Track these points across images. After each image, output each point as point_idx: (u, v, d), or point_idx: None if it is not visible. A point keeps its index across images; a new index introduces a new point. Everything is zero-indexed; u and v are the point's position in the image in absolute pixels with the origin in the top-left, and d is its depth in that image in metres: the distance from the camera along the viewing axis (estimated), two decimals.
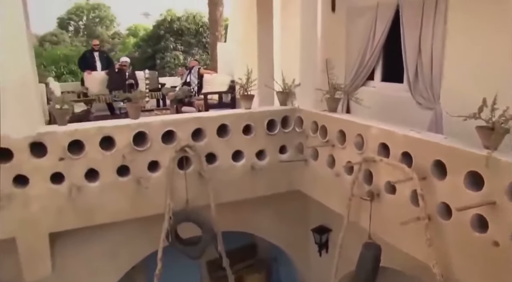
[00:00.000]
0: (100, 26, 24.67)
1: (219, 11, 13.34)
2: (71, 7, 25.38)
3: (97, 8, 25.34)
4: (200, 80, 8.15)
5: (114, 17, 25.94)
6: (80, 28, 25.34)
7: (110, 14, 25.54)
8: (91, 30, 24.30)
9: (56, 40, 21.81)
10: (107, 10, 25.52)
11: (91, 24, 24.80)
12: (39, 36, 22.95)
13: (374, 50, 4.94)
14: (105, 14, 25.24)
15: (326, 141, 4.01)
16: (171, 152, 3.87)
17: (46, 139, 3.46)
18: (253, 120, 4.24)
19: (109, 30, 25.07)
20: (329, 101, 4.09)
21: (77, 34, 24.78)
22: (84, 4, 25.88)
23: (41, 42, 22.04)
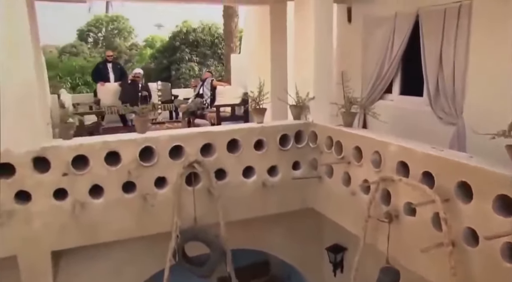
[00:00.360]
0: (119, 38, 24.94)
1: (234, 23, 13.35)
2: (91, 19, 25.55)
3: (115, 20, 25.45)
4: (213, 92, 8.06)
5: (132, 28, 25.93)
6: (99, 40, 25.42)
7: (128, 26, 25.72)
8: (109, 42, 24.51)
9: (75, 52, 22.16)
10: (125, 22, 25.64)
11: (109, 36, 25.00)
12: (59, 48, 23.43)
13: (392, 62, 4.76)
14: (124, 26, 25.44)
15: (342, 157, 3.83)
16: (179, 167, 3.73)
17: (50, 154, 3.35)
18: (265, 135, 4.08)
19: (127, 41, 25.33)
20: (345, 116, 3.92)
21: (96, 46, 24.90)
22: (103, 16, 26.17)
23: (61, 53, 22.35)
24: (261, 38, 5.51)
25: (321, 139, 4.16)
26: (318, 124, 4.21)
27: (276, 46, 5.28)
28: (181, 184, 3.77)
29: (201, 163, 3.80)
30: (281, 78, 5.21)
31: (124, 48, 24.09)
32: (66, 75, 14.89)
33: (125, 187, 3.63)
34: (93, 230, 3.59)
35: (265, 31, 5.40)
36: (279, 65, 5.28)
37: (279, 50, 5.29)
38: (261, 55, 5.55)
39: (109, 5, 37.73)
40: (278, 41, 5.28)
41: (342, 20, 5.50)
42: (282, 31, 5.26)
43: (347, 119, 3.92)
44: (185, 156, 3.77)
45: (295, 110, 4.37)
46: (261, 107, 4.22)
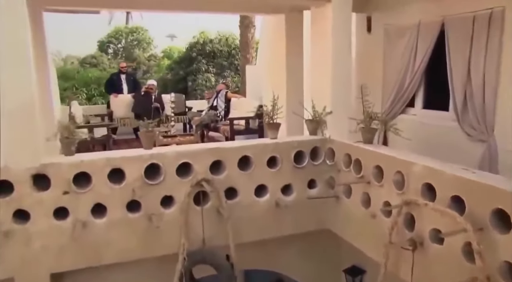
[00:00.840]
0: (138, 49, 25.33)
1: (251, 33, 13.24)
2: (111, 30, 26.17)
3: (135, 31, 25.95)
4: (227, 104, 7.90)
5: (151, 39, 26.35)
6: (119, 51, 25.93)
7: (147, 37, 26.16)
8: (129, 53, 24.93)
9: (95, 62, 22.58)
10: (144, 33, 26.11)
11: (129, 47, 25.44)
12: (80, 58, 24.18)
13: (415, 74, 4.51)
14: (143, 37, 25.90)
15: (361, 176, 3.58)
16: (187, 186, 3.54)
17: (50, 171, 3.21)
18: (279, 152, 3.87)
19: (146, 52, 25.70)
20: (364, 132, 3.68)
21: (116, 57, 25.34)
22: (123, 27, 26.74)
23: (82, 64, 22.90)
24: (277, 49, 5.33)
25: (338, 157, 3.93)
26: (336, 141, 3.98)
27: (291, 57, 5.08)
28: (189, 203, 3.58)
29: (210, 181, 3.60)
30: (296, 91, 5.00)
31: (143, 59, 24.42)
32: (82, 86, 14.96)
33: (129, 206, 3.46)
34: (95, 251, 3.41)
35: (280, 42, 5.21)
36: (294, 77, 5.08)
37: (295, 61, 5.09)
38: (276, 67, 5.36)
39: (129, 17, 38.66)
40: (294, 52, 5.08)
41: (361, 30, 5.27)
42: (298, 42, 5.07)
43: (366, 135, 3.67)
44: (193, 174, 3.59)
45: (311, 125, 4.15)
46: (275, 122, 4.01)
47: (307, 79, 4.85)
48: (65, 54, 28.80)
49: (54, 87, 6.28)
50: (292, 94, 4.95)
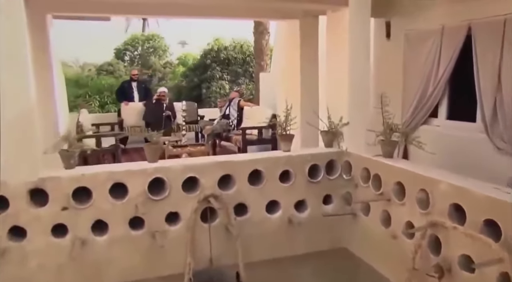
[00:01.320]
0: (154, 56, 25.57)
1: (265, 40, 13.06)
2: (128, 38, 26.58)
3: (151, 38, 26.27)
4: (240, 113, 7.71)
5: (167, 47, 26.66)
6: (135, 58, 26.27)
7: (163, 44, 26.45)
8: (145, 60, 25.24)
9: (112, 70, 22.86)
10: (160, 41, 26.39)
11: (145, 54, 25.73)
12: (97, 66, 24.49)
13: (439, 82, 4.25)
14: (159, 44, 26.17)
15: (380, 193, 3.34)
16: (193, 202, 3.35)
17: (48, 185, 3.05)
18: (292, 165, 3.66)
19: (161, 59, 25.94)
20: (384, 145, 3.44)
21: (132, 64, 25.62)
22: (140, 35, 27.15)
23: (98, 72, 23.18)
24: (291, 56, 5.13)
25: (356, 171, 3.69)
26: (353, 154, 3.74)
27: (306, 64, 4.87)
28: (196, 220, 3.39)
29: (218, 196, 3.40)
30: (311, 100, 4.78)
31: (159, 66, 24.65)
32: (96, 94, 14.98)
33: (132, 222, 3.28)
34: (95, 271, 3.24)
35: (294, 48, 5.01)
36: (309, 86, 4.86)
37: (309, 69, 4.88)
38: (290, 75, 5.16)
39: (146, 24, 39.19)
40: (308, 59, 4.87)
41: (380, 35, 5.04)
42: (313, 48, 4.86)
43: (386, 149, 3.43)
44: (201, 189, 3.40)
45: (326, 137, 3.93)
46: (288, 134, 3.79)
47: (323, 88, 4.63)
48: (82, 61, 29.52)
49: (62, 95, 6.19)
50: (306, 104, 4.73)
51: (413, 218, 2.98)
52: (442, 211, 2.69)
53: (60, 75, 6.36)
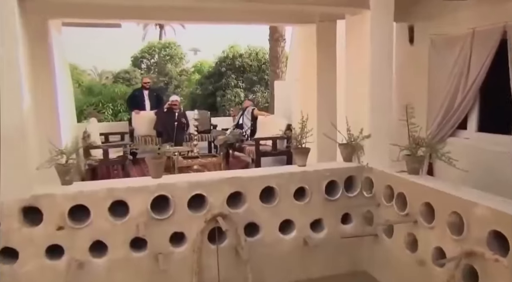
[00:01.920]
0: (170, 64, 25.79)
1: (280, 47, 12.84)
2: (144, 46, 26.97)
3: (168, 46, 26.50)
4: (253, 122, 7.46)
5: (183, 54, 26.88)
6: (152, 66, 26.60)
7: (179, 52, 26.68)
8: (161, 68, 25.48)
9: (128, 77, 23.05)
10: (177, 48, 26.62)
11: (162, 62, 25.97)
12: (114, 73, 25.06)
13: (468, 90, 3.94)
14: (175, 52, 26.38)
15: (406, 214, 3.04)
16: (200, 221, 3.11)
17: (42, 203, 2.83)
18: (307, 182, 3.39)
19: (178, 67, 26.17)
20: (410, 161, 3.14)
21: (149, 71, 26.00)
22: (156, 43, 27.47)
23: (116, 79, 23.54)
24: (307, 64, 4.87)
25: (378, 188, 3.40)
26: (375, 169, 3.45)
27: (323, 72, 4.60)
28: (203, 241, 3.15)
29: (227, 216, 3.15)
30: (329, 110, 4.51)
31: (175, 74, 24.84)
32: (109, 102, 14.91)
33: (133, 243, 3.05)
34: None
35: (311, 55, 4.75)
36: (327, 95, 4.59)
37: (327, 76, 4.61)
38: (306, 83, 4.91)
39: (163, 32, 39.76)
40: (326, 66, 4.60)
41: (402, 41, 4.75)
42: (330, 55, 4.59)
43: (412, 165, 3.13)
44: (208, 207, 3.15)
45: (345, 150, 3.65)
46: (303, 147, 3.52)
47: (341, 97, 4.35)
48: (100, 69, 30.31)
49: (69, 104, 6.03)
50: (323, 114, 4.46)
51: (444, 243, 2.68)
52: (480, 238, 2.39)
53: (68, 83, 6.22)
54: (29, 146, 2.85)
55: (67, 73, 6.22)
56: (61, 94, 4.79)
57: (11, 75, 2.64)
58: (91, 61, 30.67)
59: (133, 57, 26.71)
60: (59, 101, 4.22)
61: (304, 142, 3.53)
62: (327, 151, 4.08)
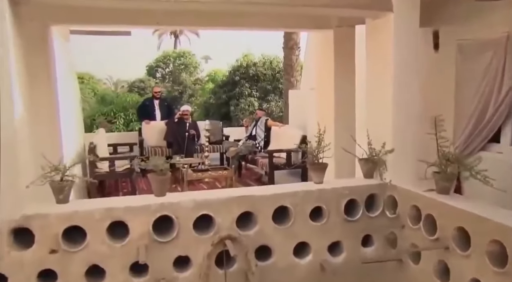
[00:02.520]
0: (185, 73, 26.09)
1: (295, 55, 12.64)
2: (159, 55, 27.44)
3: (182, 55, 26.86)
4: (267, 133, 7.19)
5: (198, 63, 27.25)
6: (167, 75, 26.99)
7: (194, 61, 27.02)
8: (176, 77, 25.79)
9: (143, 86, 23.32)
10: (191, 58, 26.97)
11: (176, 71, 26.30)
12: (130, 82, 25.57)
13: (502, 101, 3.64)
14: (190, 61, 26.72)
15: (435, 238, 2.74)
16: (207, 244, 2.85)
17: (34, 224, 2.60)
18: (325, 201, 3.11)
19: (192, 76, 26.45)
20: (439, 179, 2.84)
21: (163, 80, 26.39)
22: (171, 52, 27.87)
23: (131, 88, 23.94)
24: (323, 72, 4.61)
25: (403, 208, 3.11)
26: (399, 187, 3.16)
27: (341, 81, 4.33)
28: (210, 266, 2.87)
29: (236, 238, 2.88)
30: (347, 121, 4.23)
31: (189, 83, 25.02)
32: (120, 111, 14.81)
33: (133, 268, 2.79)
34: None
35: (327, 63, 4.49)
36: (345, 106, 4.32)
37: (345, 86, 4.33)
38: (323, 93, 4.65)
39: (177, 42, 40.22)
40: (344, 75, 4.33)
41: (426, 47, 4.45)
42: (349, 63, 4.32)
43: (442, 183, 2.83)
44: (216, 229, 2.89)
45: (366, 166, 3.37)
46: (320, 162, 3.25)
47: (361, 107, 4.07)
48: (116, 78, 31.10)
49: (76, 114, 5.86)
50: (341, 126, 4.19)
51: (482, 275, 2.37)
52: None
53: (75, 93, 6.06)
54: (21, 161, 2.64)
55: (74, 82, 6.07)
56: (64, 104, 4.61)
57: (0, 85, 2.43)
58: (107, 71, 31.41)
59: (148, 66, 27.20)
60: (61, 112, 4.03)
61: (321, 156, 3.26)
62: (345, 166, 3.81)
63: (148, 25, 4.06)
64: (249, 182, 7.22)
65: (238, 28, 4.52)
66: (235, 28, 4.59)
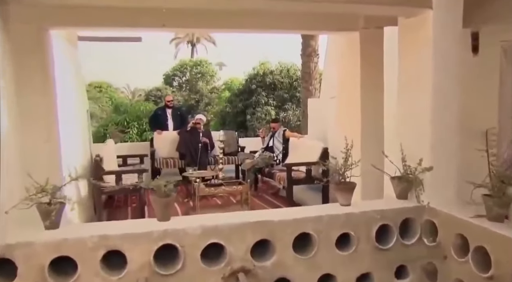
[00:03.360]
0: (201, 81, 26.16)
1: (313, 63, 12.23)
2: (176, 64, 27.70)
3: (199, 64, 26.99)
4: (285, 145, 6.78)
5: (215, 72, 27.31)
6: (183, 83, 27.16)
7: (211, 69, 27.16)
8: (192, 85, 25.86)
9: (160, 95, 23.38)
10: (208, 66, 27.10)
11: (193, 80, 26.40)
12: (147, 91, 25.95)
13: None
14: (207, 69, 26.86)
15: (489, 277, 2.31)
16: (217, 277, 2.49)
17: (17, 254, 2.27)
18: (353, 226, 2.72)
19: (209, 85, 26.50)
20: (493, 204, 2.41)
21: (180, 89, 26.53)
22: (188, 61, 28.12)
23: (148, 97, 24.11)
24: (347, 79, 4.22)
25: (444, 236, 2.69)
26: (439, 211, 2.74)
27: (368, 89, 3.92)
28: None
29: (251, 271, 2.51)
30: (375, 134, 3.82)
31: (206, 91, 25.00)
32: (134, 120, 14.56)
33: None
34: None
35: (352, 69, 4.10)
36: (373, 116, 3.91)
37: (373, 95, 3.93)
38: (346, 102, 4.24)
39: (194, 50, 40.52)
40: (371, 82, 3.93)
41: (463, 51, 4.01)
42: (377, 69, 3.92)
43: (496, 209, 2.41)
44: (227, 259, 2.52)
45: (400, 185, 2.97)
46: (348, 182, 2.85)
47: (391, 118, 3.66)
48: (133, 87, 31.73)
49: (82, 124, 5.57)
50: (369, 139, 3.78)
51: None
52: None
53: (82, 101, 5.78)
54: (5, 182, 2.31)
55: (81, 90, 5.79)
56: (66, 113, 4.32)
57: None
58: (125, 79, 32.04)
59: (165, 75, 27.42)
60: (62, 122, 3.72)
61: (348, 175, 2.86)
62: (372, 185, 3.40)
63: (154, 27, 3.72)
64: (265, 197, 6.81)
65: (254, 30, 4.16)
66: (250, 30, 4.22)
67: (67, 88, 4.73)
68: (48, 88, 3.34)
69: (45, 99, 3.28)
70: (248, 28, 4.05)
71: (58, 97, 3.71)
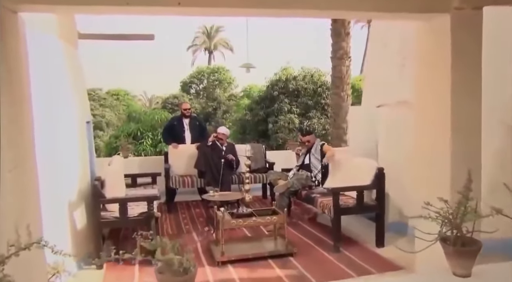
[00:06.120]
0: (219, 88, 26.19)
1: (345, 66, 11.23)
2: (194, 71, 27.90)
3: (216, 71, 27.08)
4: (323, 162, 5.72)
5: (232, 79, 27.27)
6: (201, 91, 27.40)
7: (228, 76, 27.09)
8: (210, 93, 25.90)
9: (176, 102, 23.16)
10: (225, 73, 27.09)
11: (210, 87, 26.47)
12: (163, 98, 26.32)
13: None
14: (224, 76, 26.84)
15: None
16: None
17: None
18: None
19: (226, 92, 26.51)
20: None
21: (197, 97, 26.65)
22: (205, 68, 28.35)
23: (165, 104, 24.03)
24: (429, 81, 3.18)
25: None
26: None
27: (463, 94, 2.86)
28: None
29: None
30: (471, 157, 2.78)
31: (224, 99, 24.88)
32: (148, 130, 13.63)
33: None
34: None
35: (437, 65, 3.07)
36: (468, 132, 2.85)
37: (468, 102, 2.87)
38: (427, 112, 3.21)
39: (211, 57, 40.44)
40: (466, 85, 2.87)
41: None
42: (473, 66, 2.87)
43: None
44: None
45: None
46: (472, 238, 1.82)
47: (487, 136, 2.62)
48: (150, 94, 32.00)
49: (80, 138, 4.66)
50: (462, 162, 2.72)
51: None
52: None
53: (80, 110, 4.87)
54: None
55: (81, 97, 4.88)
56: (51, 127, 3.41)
57: None
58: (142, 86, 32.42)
59: (182, 82, 27.52)
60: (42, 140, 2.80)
61: (469, 230, 1.83)
62: None
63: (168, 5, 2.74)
64: (302, 225, 5.77)
65: (301, 13, 3.10)
66: (295, 13, 3.17)
67: (58, 95, 3.82)
68: (16, 94, 2.40)
69: (12, 109, 2.33)
70: (286, 7, 2.98)
71: (40, 106, 2.79)
